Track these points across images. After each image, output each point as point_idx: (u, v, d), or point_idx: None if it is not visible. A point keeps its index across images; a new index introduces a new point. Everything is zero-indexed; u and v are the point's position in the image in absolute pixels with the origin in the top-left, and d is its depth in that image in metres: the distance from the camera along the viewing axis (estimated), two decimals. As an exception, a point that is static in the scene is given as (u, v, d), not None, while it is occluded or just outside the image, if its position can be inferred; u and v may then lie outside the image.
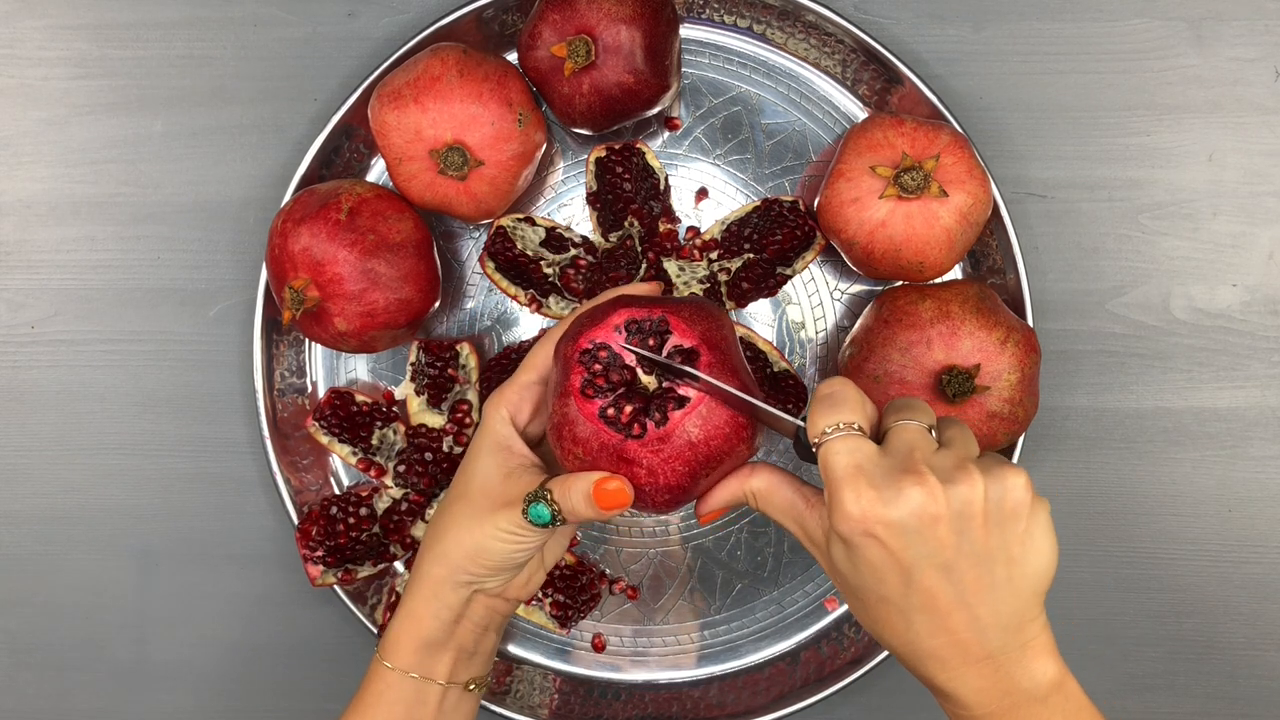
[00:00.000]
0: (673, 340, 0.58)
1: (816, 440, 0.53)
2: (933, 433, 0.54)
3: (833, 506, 0.52)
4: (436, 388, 0.77)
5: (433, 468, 0.77)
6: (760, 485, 0.58)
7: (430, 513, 0.77)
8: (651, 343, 0.58)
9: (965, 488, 0.51)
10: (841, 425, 0.52)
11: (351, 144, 0.78)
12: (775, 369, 0.76)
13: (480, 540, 0.60)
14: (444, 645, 0.63)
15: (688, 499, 0.59)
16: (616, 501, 0.57)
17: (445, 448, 0.77)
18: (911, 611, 0.52)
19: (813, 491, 0.57)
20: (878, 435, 0.55)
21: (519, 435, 0.63)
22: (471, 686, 0.64)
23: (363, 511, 0.77)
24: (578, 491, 0.58)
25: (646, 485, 0.57)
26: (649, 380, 0.58)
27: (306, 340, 0.79)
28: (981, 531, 0.51)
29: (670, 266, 0.77)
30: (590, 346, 0.58)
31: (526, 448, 0.63)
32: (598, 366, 0.58)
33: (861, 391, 0.55)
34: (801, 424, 0.56)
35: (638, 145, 0.76)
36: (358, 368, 0.80)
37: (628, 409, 0.57)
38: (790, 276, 0.77)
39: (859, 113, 0.79)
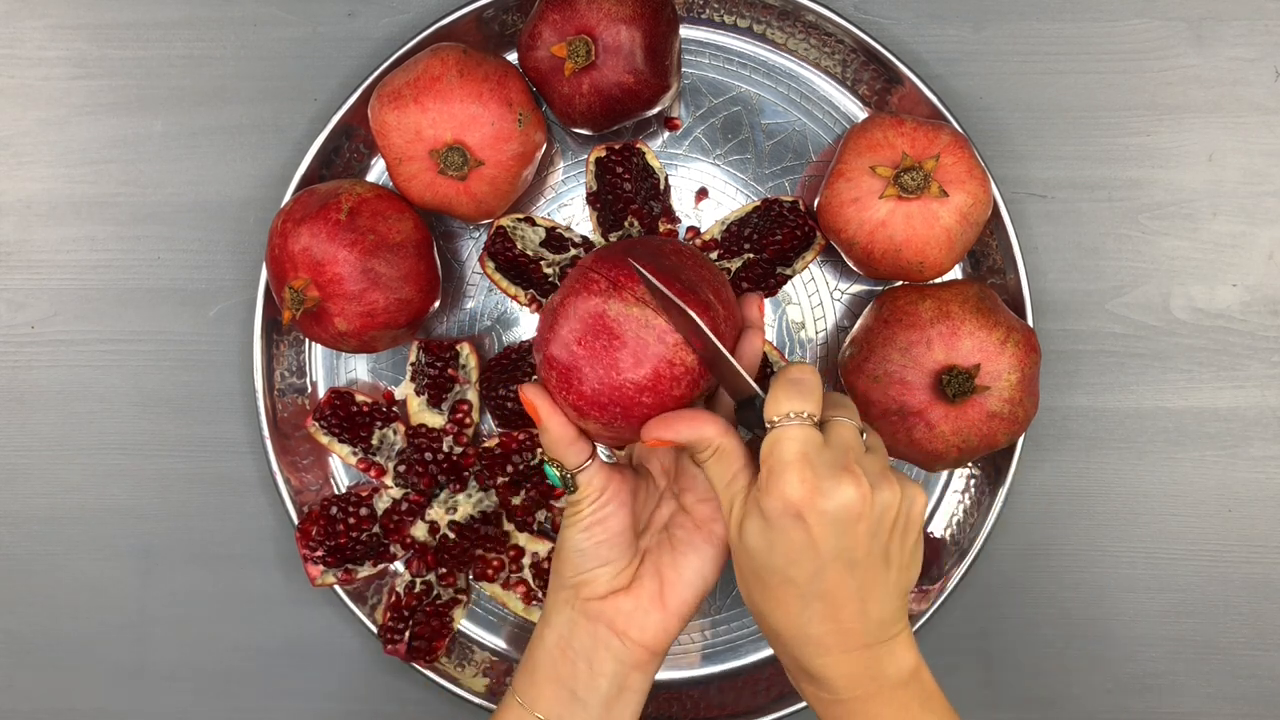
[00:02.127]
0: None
1: (773, 420, 0.55)
2: (864, 435, 0.58)
3: (771, 485, 0.55)
4: (436, 388, 0.77)
5: (433, 468, 0.77)
6: (727, 445, 0.57)
7: (431, 513, 0.77)
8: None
9: (887, 494, 0.56)
10: (803, 414, 0.55)
11: (351, 144, 0.78)
12: (775, 369, 0.76)
13: (560, 535, 0.62)
14: (545, 674, 0.62)
15: (624, 412, 0.58)
16: (531, 413, 0.59)
17: (445, 448, 0.77)
18: (811, 598, 0.56)
19: (754, 470, 0.58)
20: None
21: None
22: None
23: (363, 511, 0.77)
24: (540, 435, 0.60)
25: (582, 374, 0.57)
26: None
27: (306, 340, 0.79)
28: (888, 536, 0.56)
29: (670, 266, 0.77)
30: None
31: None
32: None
33: (820, 382, 0.58)
34: (761, 395, 0.57)
35: (638, 145, 0.76)
36: (358, 368, 0.80)
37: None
38: (790, 276, 0.77)
39: (859, 113, 0.79)
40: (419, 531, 0.77)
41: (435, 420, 0.77)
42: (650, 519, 0.64)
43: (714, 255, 0.77)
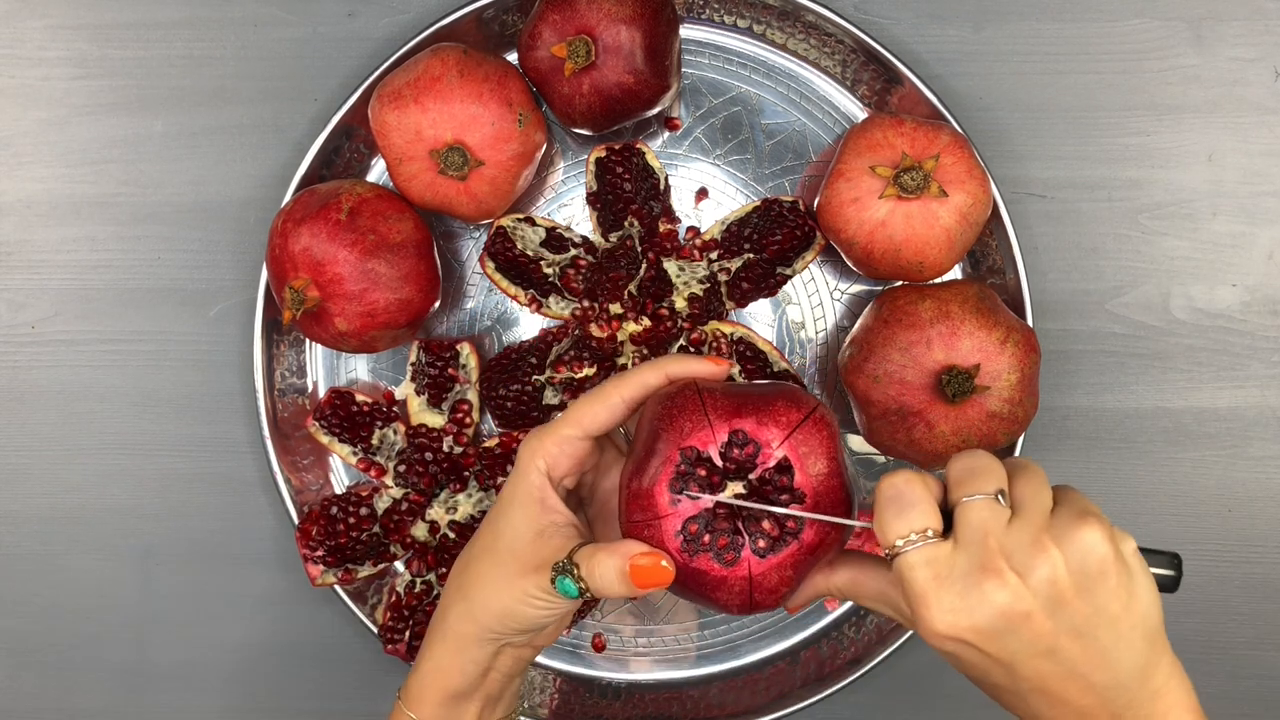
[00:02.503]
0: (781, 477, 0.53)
1: (890, 551, 0.50)
2: (1002, 498, 0.50)
3: (918, 621, 0.50)
4: (437, 387, 0.77)
5: (433, 467, 0.77)
6: (842, 582, 0.55)
7: (431, 513, 0.77)
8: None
9: (1046, 570, 0.49)
10: (915, 535, 0.50)
11: (352, 144, 0.78)
12: (775, 369, 0.76)
13: (508, 604, 0.56)
14: (471, 696, 0.60)
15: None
16: (654, 580, 0.52)
17: (445, 448, 0.77)
18: (1025, 695, 0.51)
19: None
20: (945, 509, 0.52)
21: (554, 489, 0.57)
22: None
23: (363, 511, 0.77)
24: (609, 569, 0.53)
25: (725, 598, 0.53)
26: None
27: (307, 340, 0.79)
28: (1076, 604, 0.49)
29: (670, 266, 0.77)
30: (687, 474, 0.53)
31: (561, 504, 0.57)
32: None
33: (926, 479, 0.51)
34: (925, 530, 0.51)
35: (638, 145, 0.76)
36: (358, 368, 0.80)
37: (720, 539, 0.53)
38: (790, 276, 0.77)
39: (859, 113, 0.79)
40: (419, 531, 0.77)
41: (435, 420, 0.77)
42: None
43: (714, 255, 0.77)
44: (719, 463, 0.53)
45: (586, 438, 0.57)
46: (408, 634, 0.76)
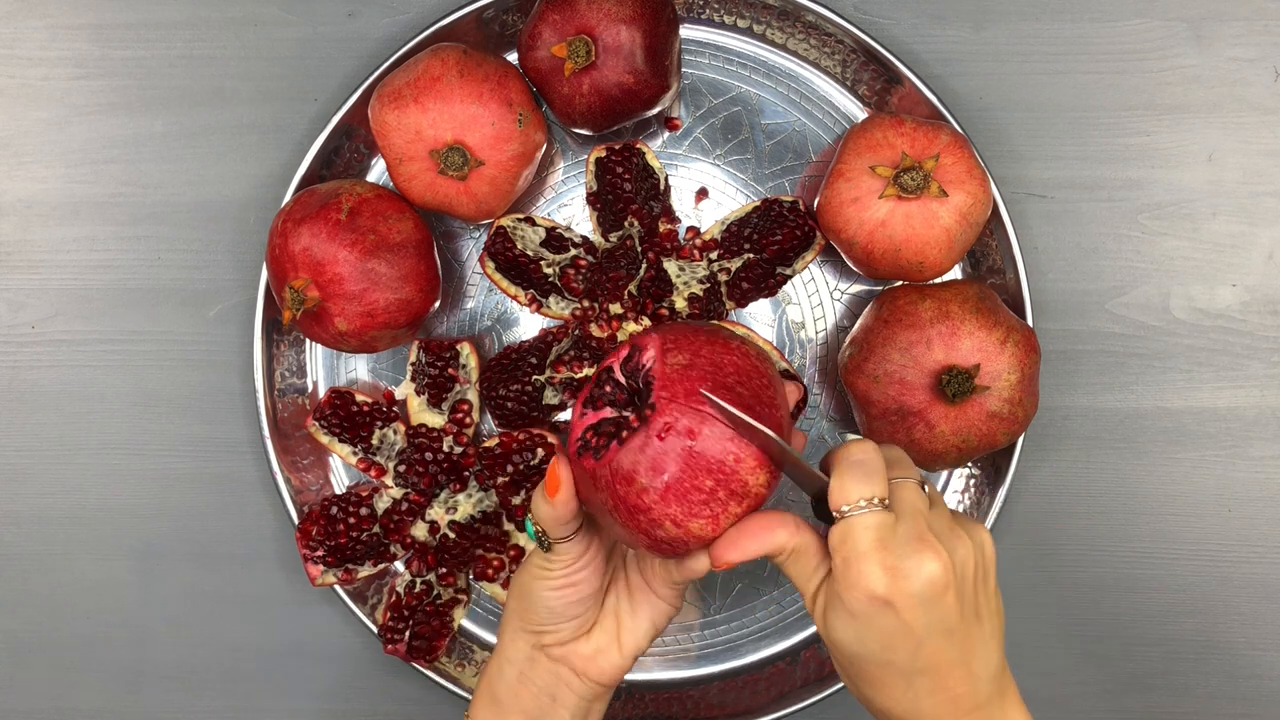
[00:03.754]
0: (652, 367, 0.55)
1: (842, 510, 0.52)
2: (925, 489, 0.55)
3: (851, 579, 0.52)
4: (437, 387, 0.77)
5: (433, 468, 0.77)
6: (801, 544, 0.54)
7: (431, 513, 0.77)
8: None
9: (962, 551, 0.53)
10: (872, 499, 0.52)
11: (351, 144, 0.78)
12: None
13: (525, 581, 0.60)
14: (509, 707, 0.61)
15: (695, 532, 0.54)
16: (552, 478, 0.55)
17: (445, 448, 0.77)
18: (914, 675, 0.53)
19: (829, 561, 0.54)
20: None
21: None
22: None
23: (363, 511, 0.77)
24: (537, 491, 0.57)
25: (647, 506, 0.53)
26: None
27: (307, 340, 0.79)
28: (972, 592, 0.54)
29: (670, 267, 0.77)
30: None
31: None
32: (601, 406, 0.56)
33: (881, 452, 0.54)
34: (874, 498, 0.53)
35: (638, 145, 0.76)
36: (358, 368, 0.80)
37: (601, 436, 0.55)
38: (790, 276, 0.77)
39: (859, 113, 0.79)
40: (419, 531, 0.77)
41: (435, 420, 0.77)
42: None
43: (714, 255, 0.77)
44: (620, 377, 0.56)
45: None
46: (408, 634, 0.76)
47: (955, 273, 0.79)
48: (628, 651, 0.61)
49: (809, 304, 0.79)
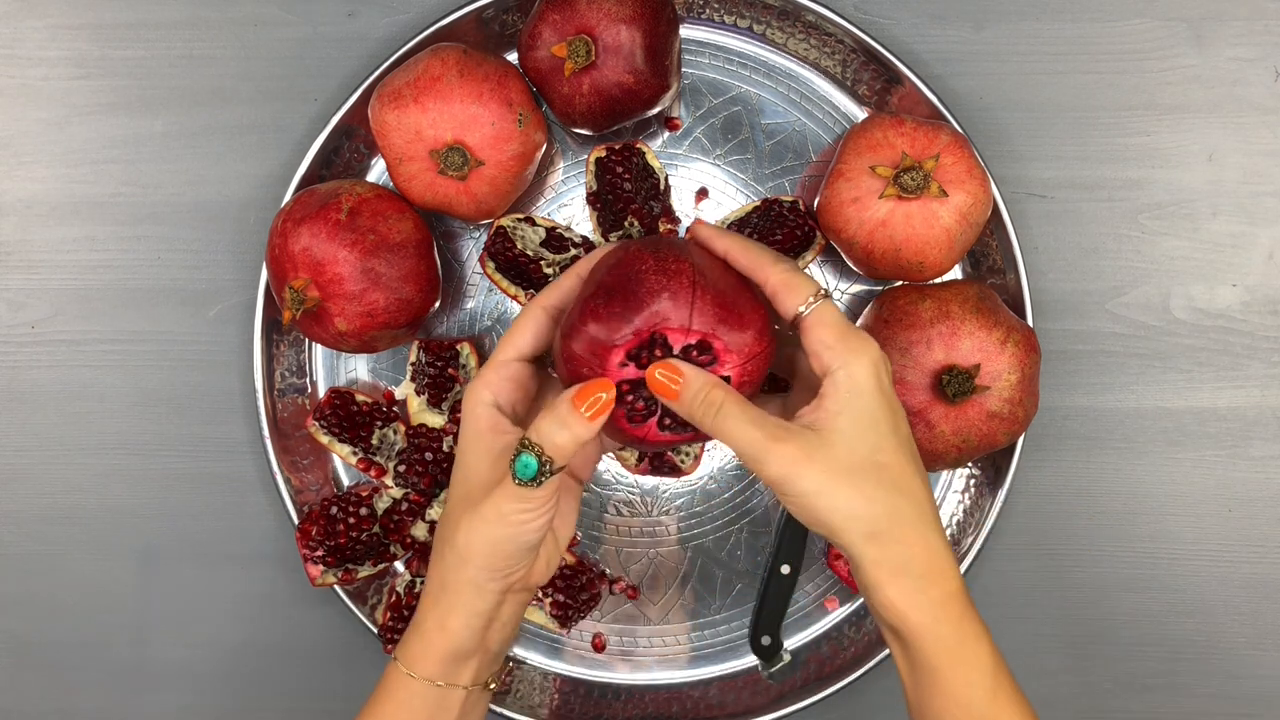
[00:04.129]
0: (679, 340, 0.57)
1: (809, 305, 0.57)
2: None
3: (859, 348, 0.56)
4: (436, 387, 0.77)
5: (433, 468, 0.77)
6: (801, 483, 0.56)
7: (431, 513, 0.77)
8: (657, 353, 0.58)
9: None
10: (818, 294, 0.58)
11: (351, 144, 0.78)
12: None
13: (492, 529, 0.57)
14: (473, 653, 0.61)
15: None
16: (597, 398, 0.56)
17: (445, 448, 0.77)
18: (907, 445, 0.57)
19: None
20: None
21: (505, 415, 0.59)
22: (491, 685, 0.63)
23: (363, 511, 0.77)
24: (555, 420, 0.56)
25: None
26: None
27: (306, 340, 0.79)
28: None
29: (670, 266, 0.77)
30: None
31: (510, 424, 0.59)
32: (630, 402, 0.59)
33: None
34: (820, 290, 0.59)
35: (638, 145, 0.76)
36: (358, 368, 0.80)
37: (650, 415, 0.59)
38: (790, 276, 0.77)
39: (859, 113, 0.79)
40: (419, 531, 0.77)
41: (435, 420, 0.77)
42: None
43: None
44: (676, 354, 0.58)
45: (521, 359, 0.60)
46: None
47: (955, 273, 0.79)
48: (565, 543, 0.63)
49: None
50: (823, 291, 0.58)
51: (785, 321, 0.59)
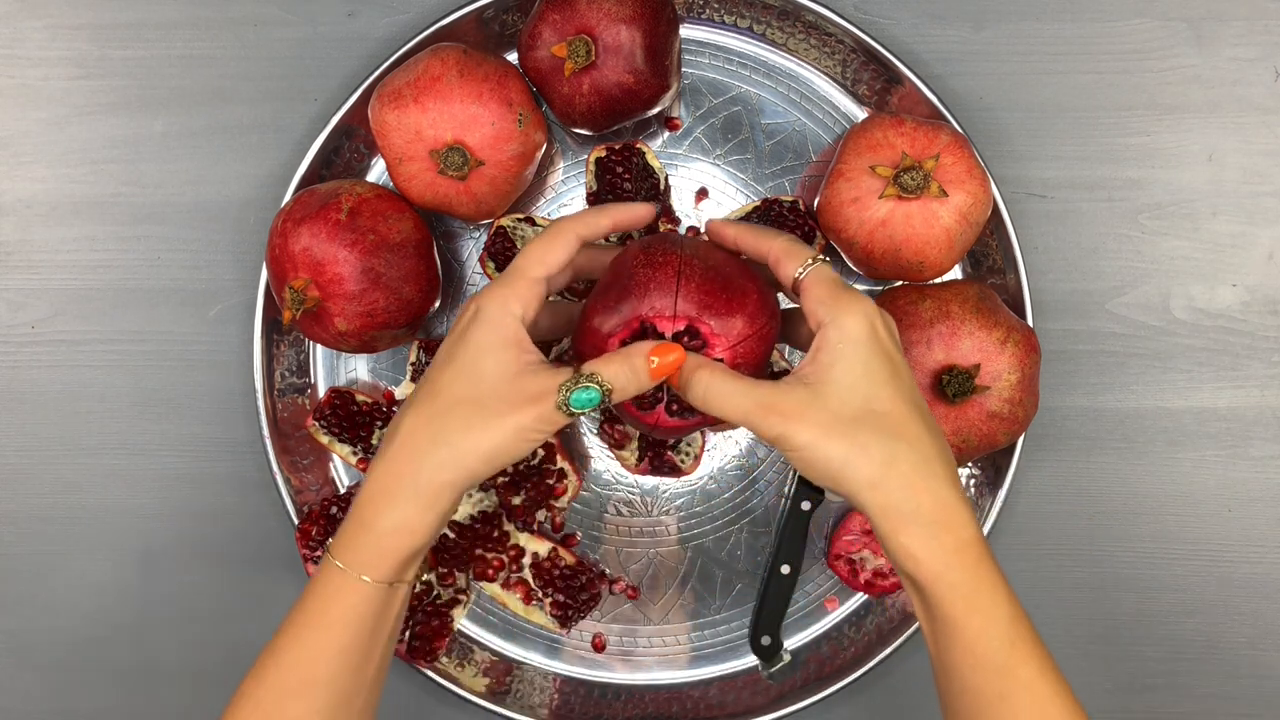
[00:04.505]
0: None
1: (806, 268, 0.59)
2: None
3: (851, 302, 0.58)
4: (436, 388, 0.77)
5: (433, 468, 0.77)
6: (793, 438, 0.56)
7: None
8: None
9: None
10: (815, 259, 0.60)
11: (351, 144, 0.78)
12: (775, 369, 0.76)
13: (499, 442, 0.57)
14: (425, 551, 0.60)
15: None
16: (671, 359, 0.58)
17: (445, 448, 0.77)
18: (902, 390, 0.57)
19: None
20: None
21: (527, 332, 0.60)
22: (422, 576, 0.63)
23: (363, 511, 0.77)
24: (627, 365, 0.58)
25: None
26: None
27: (307, 340, 0.79)
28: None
29: (670, 266, 0.77)
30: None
31: (534, 346, 0.60)
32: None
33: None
34: (817, 256, 0.61)
35: (638, 145, 0.76)
36: (358, 368, 0.80)
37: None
38: (790, 276, 0.77)
39: (859, 113, 0.79)
40: (419, 531, 0.77)
41: (435, 420, 0.77)
42: None
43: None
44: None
45: (549, 277, 0.61)
46: (408, 634, 0.76)
47: (955, 273, 0.79)
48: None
49: (809, 304, 0.79)
50: (821, 258, 0.60)
51: (787, 290, 0.61)
